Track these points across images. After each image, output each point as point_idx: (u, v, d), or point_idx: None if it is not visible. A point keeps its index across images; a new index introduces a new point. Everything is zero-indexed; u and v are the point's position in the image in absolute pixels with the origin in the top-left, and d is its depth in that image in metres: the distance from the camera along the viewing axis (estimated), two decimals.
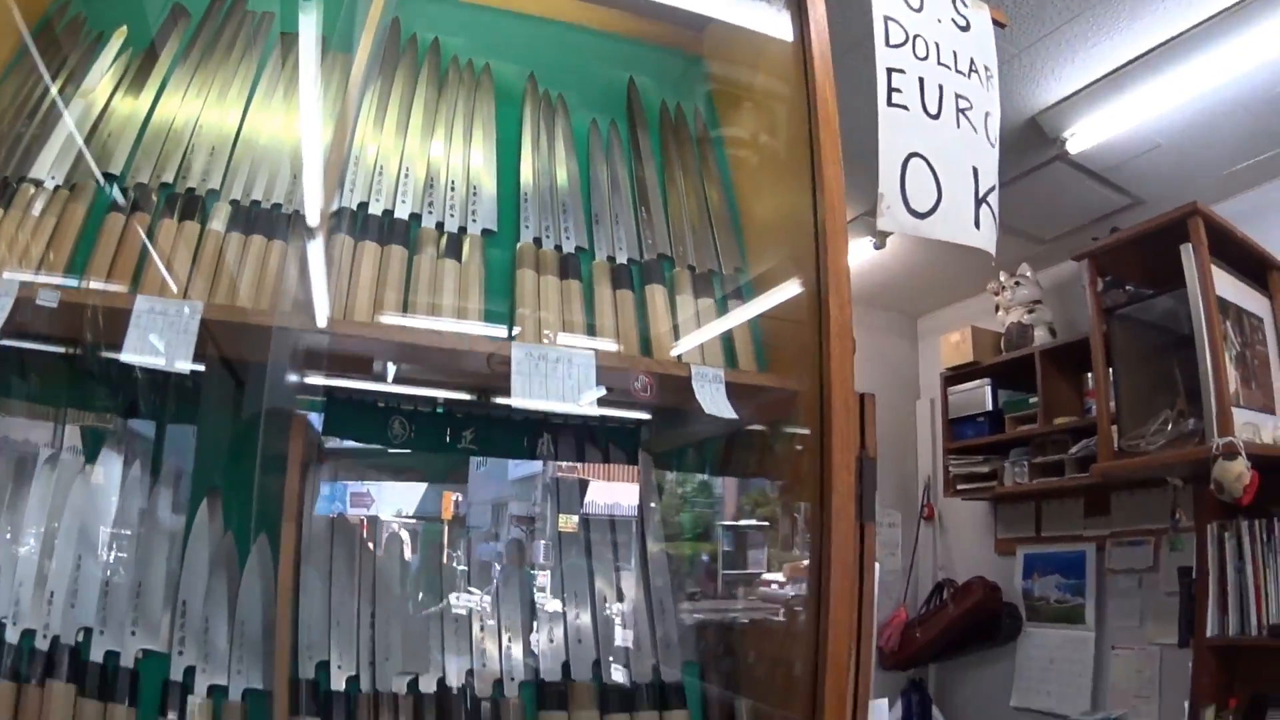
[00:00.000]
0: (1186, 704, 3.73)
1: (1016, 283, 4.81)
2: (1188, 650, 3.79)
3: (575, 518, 2.12)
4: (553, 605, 1.93)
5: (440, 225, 1.87)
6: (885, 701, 1.93)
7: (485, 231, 1.90)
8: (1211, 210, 3.11)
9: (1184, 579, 4.00)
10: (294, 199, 1.79)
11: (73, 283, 1.57)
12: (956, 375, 5.11)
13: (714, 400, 1.71)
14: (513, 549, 2.01)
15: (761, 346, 1.98)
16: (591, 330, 1.85)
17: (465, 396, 2.05)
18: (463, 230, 1.88)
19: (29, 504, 1.63)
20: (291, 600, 1.66)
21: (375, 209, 1.82)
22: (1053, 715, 4.39)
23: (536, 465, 2.27)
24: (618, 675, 1.89)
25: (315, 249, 1.71)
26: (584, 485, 2.20)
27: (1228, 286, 3.23)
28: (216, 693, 1.62)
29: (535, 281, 1.85)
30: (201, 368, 1.69)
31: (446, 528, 2.16)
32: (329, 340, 1.64)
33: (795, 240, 1.81)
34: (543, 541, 2.17)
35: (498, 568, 2.01)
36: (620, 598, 1.98)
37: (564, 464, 2.20)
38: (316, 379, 1.80)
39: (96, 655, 1.58)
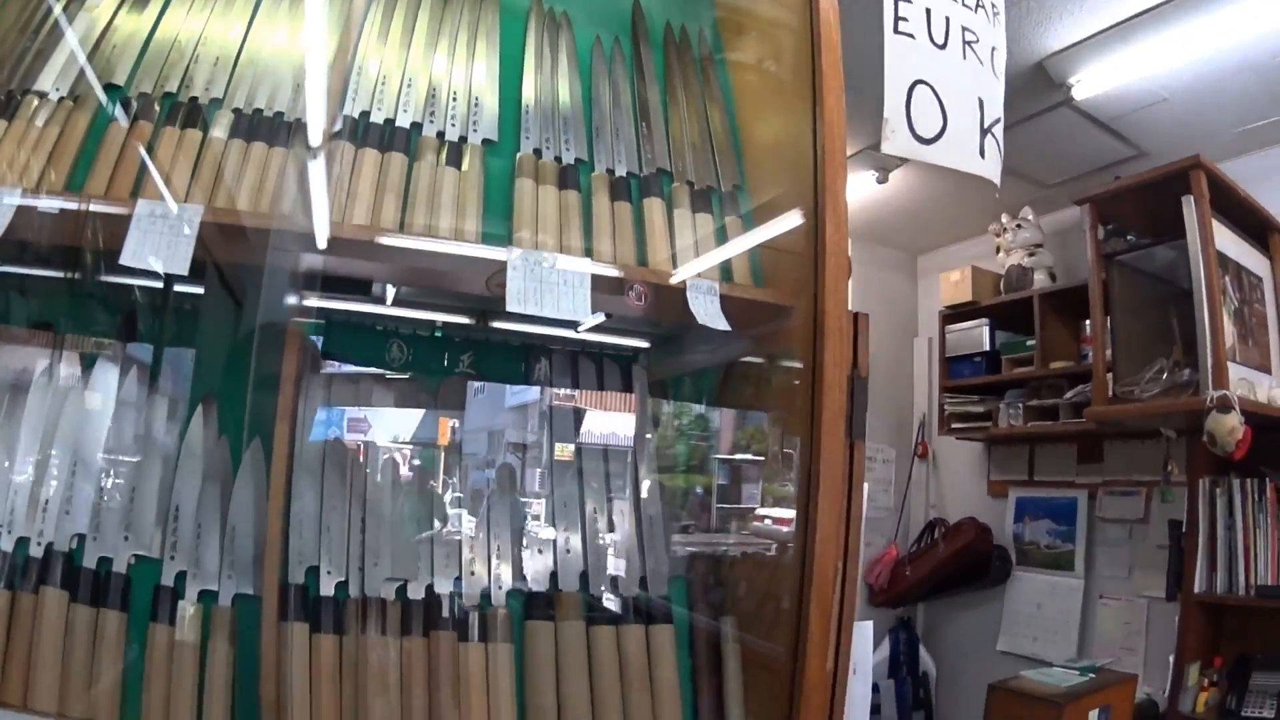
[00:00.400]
0: (1171, 659, 3.75)
1: (1018, 225, 4.79)
2: (1175, 605, 3.82)
3: (571, 446, 2.12)
4: (543, 528, 1.96)
5: (441, 134, 1.86)
6: (870, 624, 1.89)
7: (486, 142, 1.88)
8: (1214, 165, 3.09)
9: (1174, 532, 4.01)
10: (297, 108, 1.78)
11: (73, 199, 1.56)
12: (955, 314, 5.08)
13: (708, 311, 1.71)
14: (504, 474, 1.98)
15: (759, 265, 1.98)
16: (589, 240, 1.84)
17: (464, 320, 2.08)
18: (463, 140, 1.86)
19: (25, 416, 1.64)
20: (282, 505, 1.68)
21: (377, 118, 1.82)
22: (1039, 661, 4.38)
23: (534, 393, 2.25)
24: (604, 590, 1.91)
25: (315, 154, 1.73)
26: (580, 414, 2.19)
27: (1228, 242, 3.22)
28: (206, 598, 1.64)
29: (534, 190, 1.85)
30: (200, 290, 1.74)
31: (443, 454, 2.15)
32: (326, 245, 1.64)
33: (795, 163, 1.80)
34: (538, 470, 2.15)
35: (490, 491, 1.98)
36: (611, 526, 2.00)
37: (561, 392, 2.20)
38: (313, 297, 1.83)
39: (89, 561, 1.59)
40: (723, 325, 1.71)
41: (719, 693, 1.92)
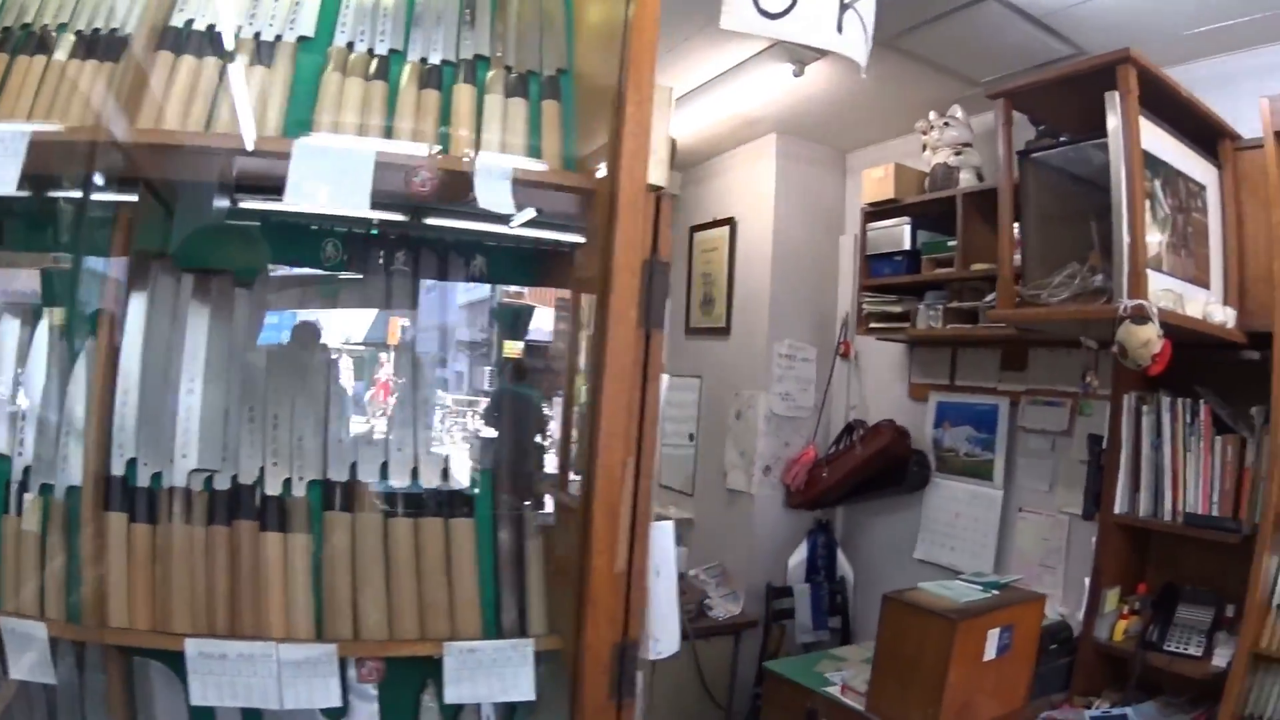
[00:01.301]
0: (1087, 582, 3.65)
1: (946, 123, 4.60)
2: (1095, 524, 3.70)
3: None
4: (354, 419, 2.06)
5: (258, 35, 1.91)
6: (670, 524, 1.91)
7: (302, 39, 1.93)
8: (1150, 63, 2.86)
9: (1093, 448, 3.88)
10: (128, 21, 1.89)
11: None
12: (877, 211, 4.92)
13: (495, 196, 1.68)
14: (334, 366, 2.05)
15: (573, 151, 1.96)
16: (389, 132, 1.85)
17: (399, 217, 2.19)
18: (279, 38, 1.92)
19: None
20: (104, 398, 1.83)
21: (201, 25, 1.88)
22: (955, 571, 4.26)
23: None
24: (403, 481, 1.99)
25: (137, 65, 1.80)
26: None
27: (1164, 145, 3.04)
28: (45, 490, 1.83)
29: (339, 83, 1.87)
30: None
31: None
32: (132, 147, 1.75)
33: (616, 43, 1.72)
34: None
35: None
36: (416, 418, 2.06)
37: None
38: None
39: None
40: (508, 209, 1.69)
41: (522, 589, 1.99)
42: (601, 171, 1.72)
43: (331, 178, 1.58)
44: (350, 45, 1.94)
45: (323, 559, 1.87)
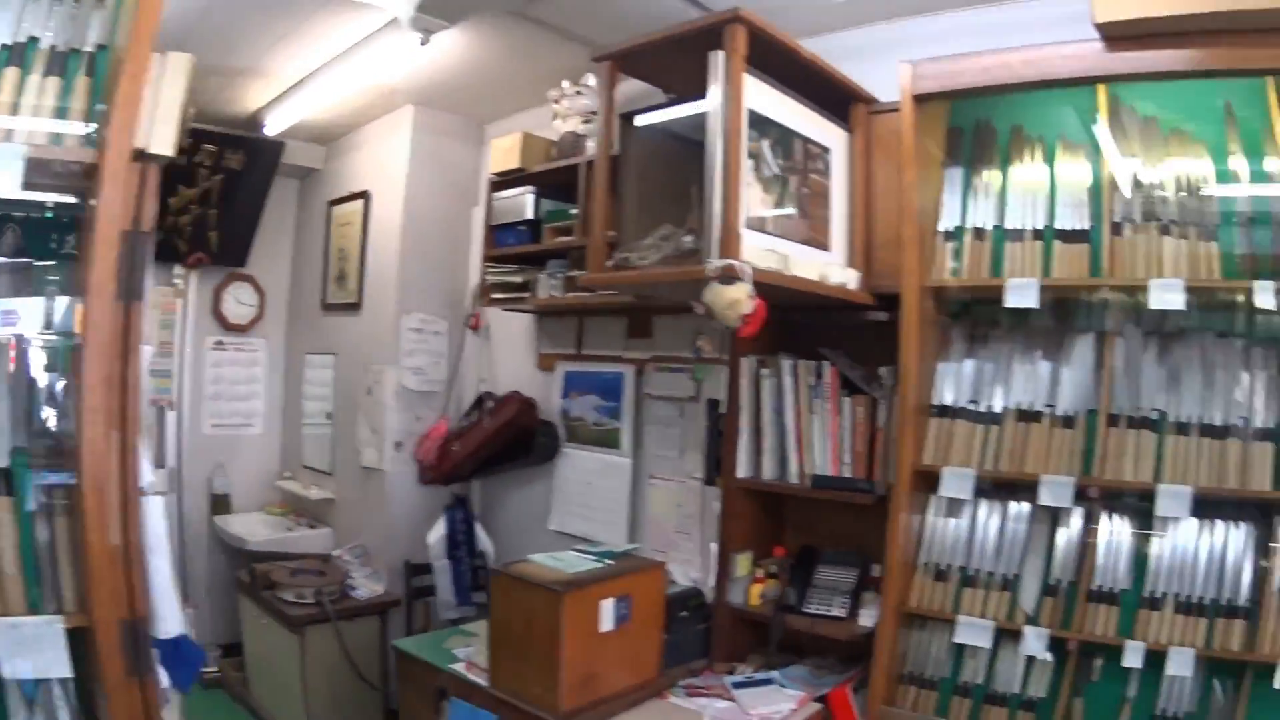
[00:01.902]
0: (714, 547, 3.67)
1: (578, 92, 4.59)
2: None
3: None
4: None
5: None
6: (160, 500, 1.89)
7: None
8: (767, 25, 2.82)
9: (711, 412, 3.93)
10: None
11: None
12: (503, 181, 4.90)
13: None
14: None
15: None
16: None
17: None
18: None
19: None
20: None
21: None
22: (591, 542, 4.24)
23: None
24: None
25: None
26: None
27: (780, 108, 3.03)
28: None
29: None
30: None
31: None
32: None
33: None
34: None
35: None
36: None
37: None
38: None
39: None
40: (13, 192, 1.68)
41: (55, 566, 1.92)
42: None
43: None
44: None
45: None
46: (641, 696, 3.25)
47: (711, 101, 2.71)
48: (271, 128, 5.74)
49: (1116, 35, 2.70)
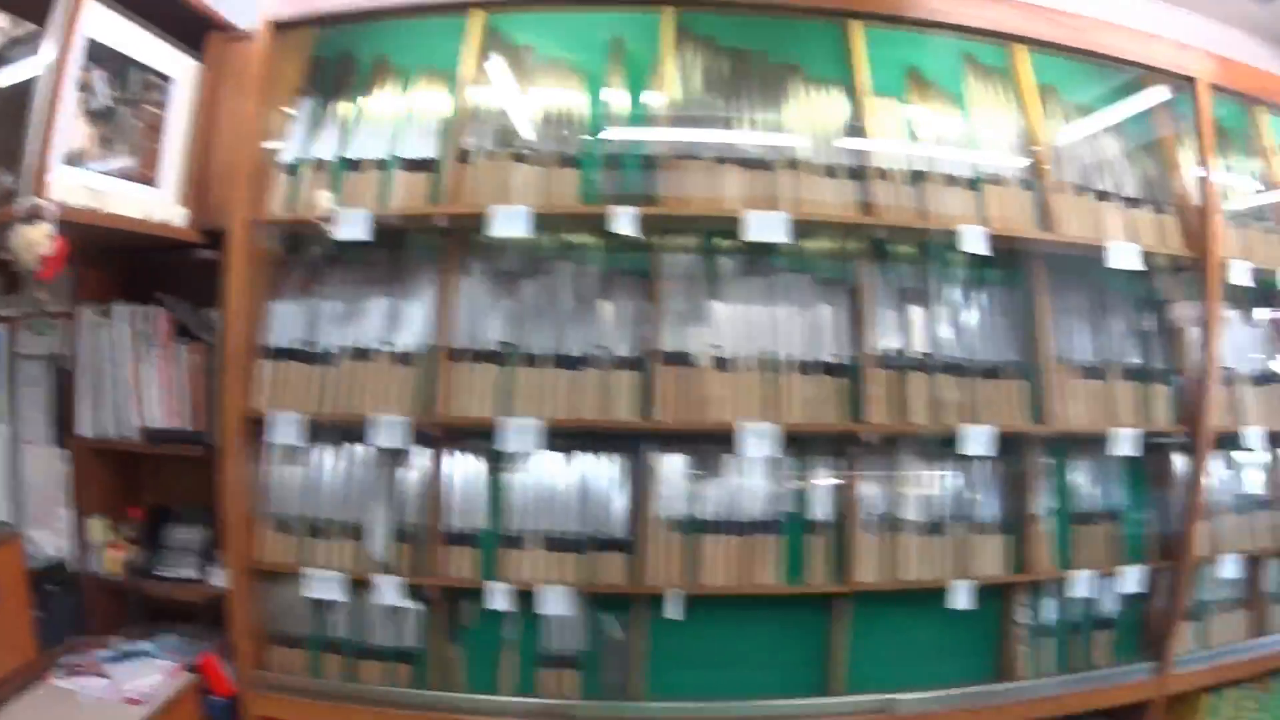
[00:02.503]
0: (64, 512, 3.46)
1: None
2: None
3: None
4: None
5: None
6: None
7: None
8: None
9: (51, 367, 3.69)
10: None
11: None
12: None
13: None
14: None
15: None
16: None
17: None
18: None
19: None
20: None
21: None
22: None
23: None
24: None
25: None
26: None
27: (127, 37, 2.87)
28: None
29: None
30: None
31: None
32: None
33: None
34: None
35: None
36: None
37: None
38: None
39: None
40: None
41: None
42: None
43: None
44: None
45: None
46: (25, 681, 2.98)
47: (52, 34, 2.55)
48: None
49: None
